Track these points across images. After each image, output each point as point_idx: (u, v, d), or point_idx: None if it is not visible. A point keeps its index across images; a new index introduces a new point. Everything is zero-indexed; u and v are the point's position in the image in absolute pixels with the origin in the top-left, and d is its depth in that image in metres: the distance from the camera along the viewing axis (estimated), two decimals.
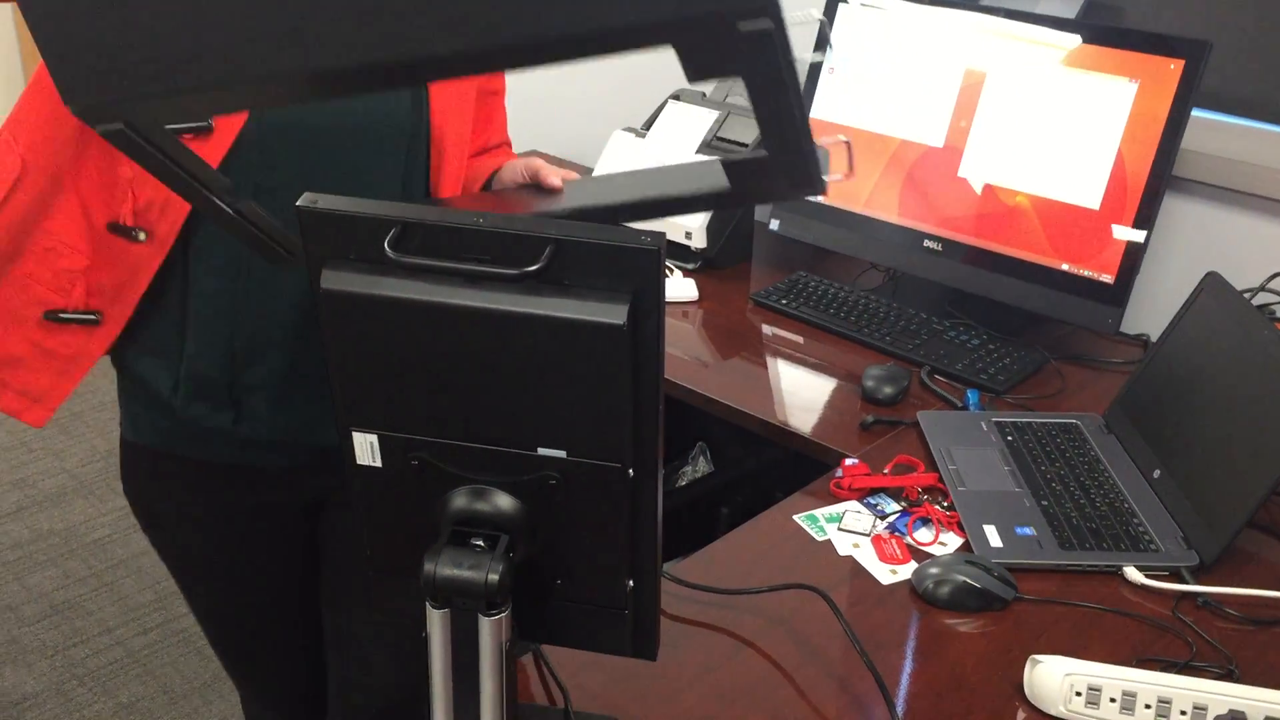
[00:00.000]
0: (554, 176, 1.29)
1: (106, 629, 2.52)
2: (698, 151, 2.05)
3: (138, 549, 2.74)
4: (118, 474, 1.39)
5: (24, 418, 1.24)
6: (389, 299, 0.78)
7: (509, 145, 1.51)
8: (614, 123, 2.23)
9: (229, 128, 1.13)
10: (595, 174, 2.15)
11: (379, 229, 0.78)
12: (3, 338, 1.21)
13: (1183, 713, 1.06)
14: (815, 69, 1.97)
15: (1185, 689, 1.07)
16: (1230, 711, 1.05)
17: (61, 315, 1.20)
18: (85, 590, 2.63)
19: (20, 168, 1.15)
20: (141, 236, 1.17)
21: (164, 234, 1.17)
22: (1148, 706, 1.07)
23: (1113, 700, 1.08)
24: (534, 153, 2.67)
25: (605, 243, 0.76)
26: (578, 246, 0.76)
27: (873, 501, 1.42)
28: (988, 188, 1.80)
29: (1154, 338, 1.74)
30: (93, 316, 1.21)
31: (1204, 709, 1.06)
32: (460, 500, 0.85)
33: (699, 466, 2.20)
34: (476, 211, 0.80)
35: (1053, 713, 1.10)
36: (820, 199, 1.97)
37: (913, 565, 1.30)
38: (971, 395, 1.63)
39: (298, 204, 0.80)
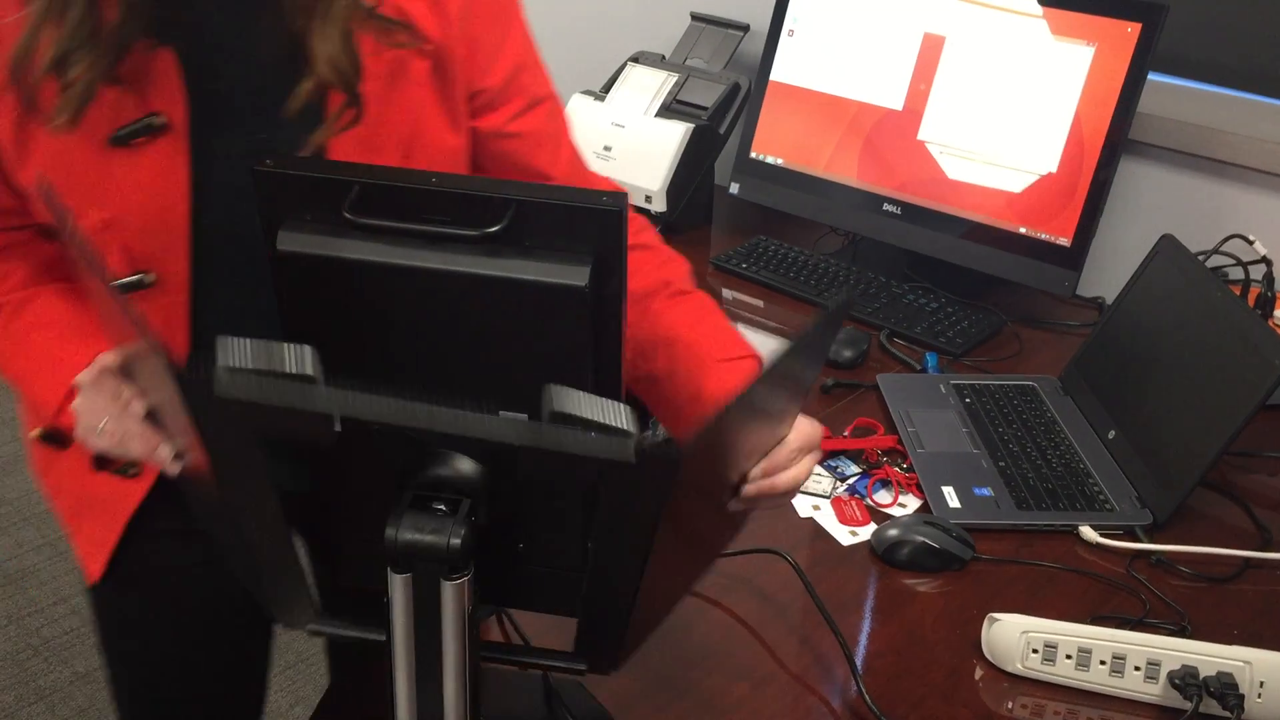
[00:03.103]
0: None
1: (61, 598, 2.50)
2: (657, 115, 2.04)
3: None
4: None
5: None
6: (347, 261, 0.77)
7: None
8: (573, 85, 2.21)
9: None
10: None
11: (337, 190, 0.77)
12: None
13: (1137, 668, 1.08)
14: (775, 33, 1.96)
15: (1139, 645, 1.09)
16: (1183, 666, 1.07)
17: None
18: (40, 559, 2.60)
19: None
20: None
21: None
22: (1102, 663, 1.09)
23: (1068, 657, 1.10)
24: None
25: (567, 204, 0.76)
26: (539, 207, 0.75)
27: (833, 464, 1.42)
28: (946, 151, 1.81)
29: (1110, 300, 1.76)
30: None
31: (1157, 664, 1.08)
32: (421, 464, 0.84)
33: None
34: (433, 172, 0.78)
35: (1010, 669, 1.12)
36: (779, 161, 1.97)
37: (872, 527, 1.31)
38: (930, 358, 1.64)
39: (254, 166, 0.78)
